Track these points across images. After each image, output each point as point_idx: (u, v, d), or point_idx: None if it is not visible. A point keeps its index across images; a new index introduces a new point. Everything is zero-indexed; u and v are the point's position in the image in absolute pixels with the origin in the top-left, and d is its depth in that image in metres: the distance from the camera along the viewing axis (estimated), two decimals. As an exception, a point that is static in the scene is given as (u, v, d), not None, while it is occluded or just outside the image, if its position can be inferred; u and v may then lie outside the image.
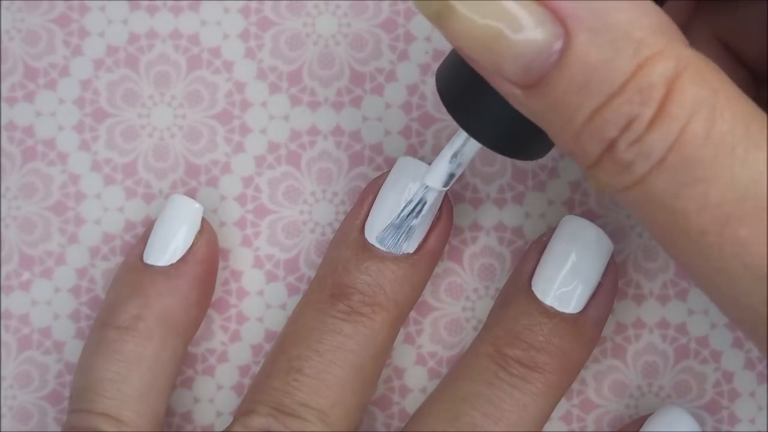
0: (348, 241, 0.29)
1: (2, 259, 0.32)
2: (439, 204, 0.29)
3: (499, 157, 0.31)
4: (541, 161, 0.31)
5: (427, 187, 0.28)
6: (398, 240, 0.28)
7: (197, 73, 0.32)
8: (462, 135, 0.26)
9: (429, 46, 0.32)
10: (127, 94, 0.32)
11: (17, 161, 0.32)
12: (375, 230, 0.29)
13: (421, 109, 0.31)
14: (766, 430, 0.31)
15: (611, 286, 0.29)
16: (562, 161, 0.31)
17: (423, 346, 0.31)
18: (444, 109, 0.31)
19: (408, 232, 0.28)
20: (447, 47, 0.31)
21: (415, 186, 0.28)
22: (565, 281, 0.28)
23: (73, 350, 0.31)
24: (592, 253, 0.28)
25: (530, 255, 0.29)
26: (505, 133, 0.25)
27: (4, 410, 0.31)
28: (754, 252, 0.21)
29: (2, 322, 0.32)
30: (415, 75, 0.32)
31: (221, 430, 0.29)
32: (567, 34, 0.20)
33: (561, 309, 0.28)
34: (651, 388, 0.31)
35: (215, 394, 0.32)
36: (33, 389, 0.32)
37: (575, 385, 0.31)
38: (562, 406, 0.31)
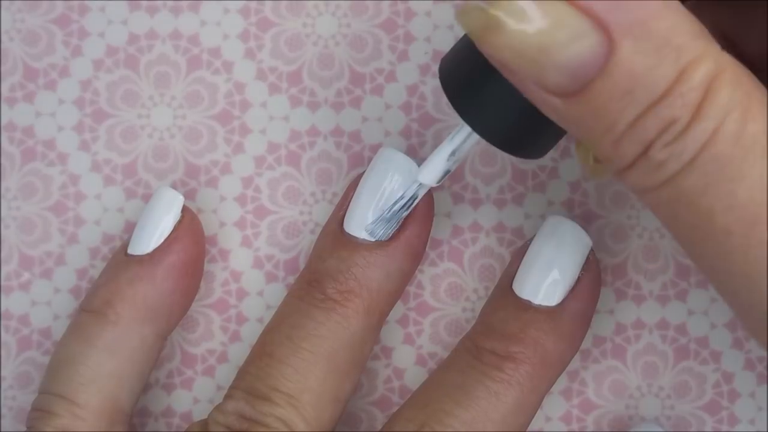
0: (326, 232, 0.29)
1: (2, 259, 0.32)
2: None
3: (500, 157, 0.31)
4: (541, 162, 0.31)
5: (420, 184, 0.28)
6: (389, 232, 0.29)
7: (197, 74, 0.32)
8: (462, 133, 0.26)
9: (429, 46, 0.32)
10: (127, 95, 0.32)
11: (17, 162, 0.32)
12: (352, 221, 0.29)
13: (420, 110, 0.31)
14: (766, 430, 0.31)
15: (591, 280, 0.29)
16: (562, 162, 0.31)
17: (423, 346, 0.31)
18: (444, 110, 0.31)
19: (398, 223, 0.29)
20: (446, 48, 0.31)
21: (394, 177, 0.29)
22: (540, 275, 0.28)
23: (73, 351, 0.32)
24: (567, 247, 0.29)
25: (515, 258, 0.30)
26: (508, 129, 0.25)
27: (3, 410, 0.31)
28: None
29: (2, 322, 0.32)
30: (415, 75, 0.32)
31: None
32: (611, 42, 0.21)
33: (536, 302, 0.28)
34: (651, 389, 0.31)
35: (215, 394, 0.32)
36: (33, 390, 0.32)
37: (575, 386, 0.31)
38: (562, 406, 0.31)
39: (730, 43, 0.27)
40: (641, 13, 0.21)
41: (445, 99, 0.31)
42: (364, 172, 0.30)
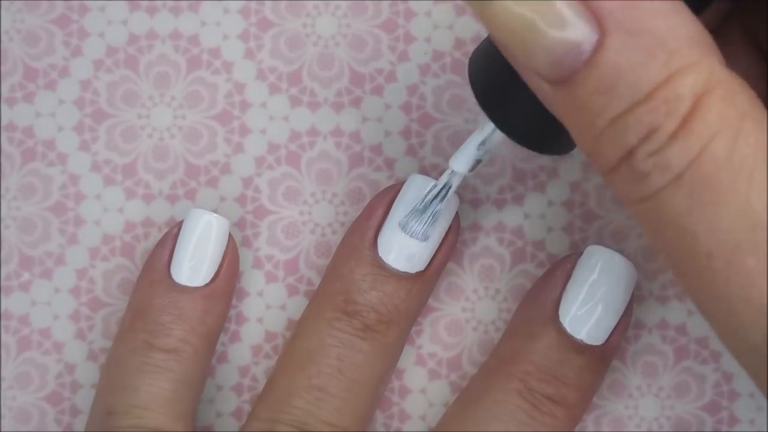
0: (360, 258, 0.29)
1: (2, 259, 0.32)
2: (456, 207, 0.29)
3: (500, 157, 0.31)
4: (542, 161, 0.31)
5: (452, 171, 0.27)
6: (424, 226, 0.28)
7: (197, 74, 0.32)
8: (491, 123, 0.26)
9: (429, 46, 0.32)
10: (127, 95, 0.32)
11: (17, 162, 0.32)
12: (390, 253, 0.29)
13: (420, 110, 0.31)
14: (765, 430, 0.31)
15: (630, 315, 0.29)
16: (563, 162, 0.31)
17: (423, 346, 0.31)
18: (444, 110, 0.31)
19: (433, 217, 0.28)
20: (446, 48, 0.32)
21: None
22: (595, 314, 0.28)
23: (73, 351, 0.31)
24: (622, 287, 0.28)
25: (554, 282, 0.29)
26: (530, 126, 0.25)
27: (3, 411, 0.31)
28: (760, 284, 0.20)
29: (2, 322, 0.32)
30: (415, 75, 0.32)
31: None
32: (602, 34, 0.20)
33: (590, 341, 0.28)
34: (650, 389, 0.31)
35: (215, 394, 0.32)
36: (33, 390, 0.32)
37: (575, 386, 0.31)
38: (562, 407, 0.31)
39: (755, 43, 0.26)
40: (640, 8, 0.20)
41: (445, 98, 0.31)
42: (388, 189, 0.30)
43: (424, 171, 0.31)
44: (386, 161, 0.31)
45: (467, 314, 0.31)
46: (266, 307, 0.32)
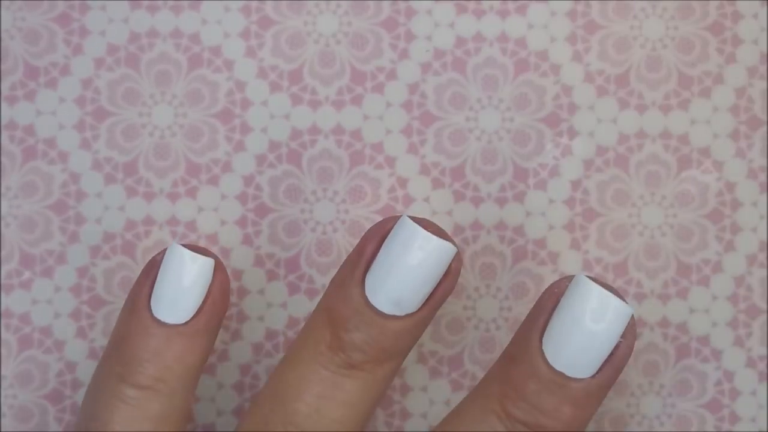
0: (346, 296, 0.27)
1: (3, 258, 0.32)
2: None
3: (501, 155, 0.31)
4: (542, 160, 0.31)
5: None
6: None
7: (198, 72, 0.32)
8: None
9: (429, 44, 0.32)
10: (128, 93, 0.32)
11: (18, 160, 0.32)
12: (378, 297, 0.27)
13: (421, 108, 0.31)
14: (766, 428, 0.31)
15: (628, 347, 0.27)
16: (564, 160, 0.31)
17: (424, 344, 0.31)
18: (445, 108, 0.31)
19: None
20: (447, 46, 0.32)
21: (419, 253, 0.26)
22: (579, 350, 0.26)
23: (74, 349, 0.31)
24: (610, 325, 0.26)
25: (542, 307, 0.27)
26: None
27: (4, 409, 0.31)
28: None
29: (3, 320, 0.32)
30: (416, 74, 0.32)
31: None
32: None
33: (572, 374, 0.26)
34: (652, 387, 0.31)
35: (216, 393, 0.32)
36: (33, 388, 0.32)
37: (576, 384, 0.31)
38: (563, 405, 0.31)
39: None
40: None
41: (446, 97, 0.31)
42: (380, 224, 0.27)
43: (424, 169, 0.31)
44: (387, 159, 0.31)
45: (468, 312, 0.31)
46: (267, 306, 0.32)
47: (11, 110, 0.32)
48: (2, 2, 0.32)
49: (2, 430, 0.31)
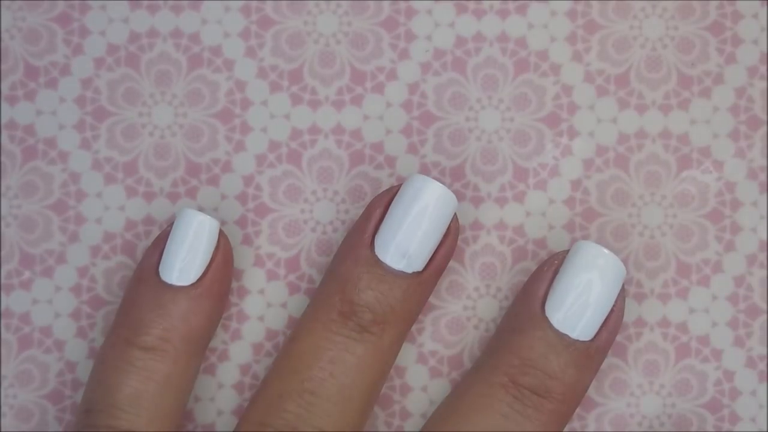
0: (357, 257, 0.29)
1: (3, 257, 0.32)
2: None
3: (500, 155, 0.31)
4: (543, 160, 0.31)
5: None
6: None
7: (198, 72, 0.32)
8: None
9: (430, 44, 0.32)
10: (128, 93, 0.32)
11: (18, 160, 0.32)
12: (387, 253, 0.28)
13: (421, 108, 0.31)
14: (766, 428, 0.31)
15: (621, 310, 0.29)
16: (563, 160, 0.31)
17: (424, 344, 0.31)
18: (445, 108, 0.31)
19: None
20: (447, 46, 0.32)
21: (428, 203, 0.28)
22: (581, 309, 0.28)
23: (74, 349, 0.31)
24: (608, 281, 0.28)
25: (541, 277, 0.29)
26: None
27: (4, 409, 0.31)
28: None
29: (3, 320, 0.32)
30: (416, 73, 0.32)
31: None
32: None
33: (576, 337, 0.28)
34: (652, 387, 0.31)
35: (216, 392, 0.32)
36: (34, 388, 0.32)
37: (576, 384, 0.31)
38: (563, 405, 0.31)
39: None
40: None
41: (446, 96, 0.31)
42: (387, 190, 0.29)
43: (425, 169, 0.31)
44: (387, 159, 0.31)
45: (468, 312, 0.31)
46: (267, 305, 0.32)
47: (11, 110, 0.32)
48: (2, 2, 0.32)
49: (2, 430, 0.31)
